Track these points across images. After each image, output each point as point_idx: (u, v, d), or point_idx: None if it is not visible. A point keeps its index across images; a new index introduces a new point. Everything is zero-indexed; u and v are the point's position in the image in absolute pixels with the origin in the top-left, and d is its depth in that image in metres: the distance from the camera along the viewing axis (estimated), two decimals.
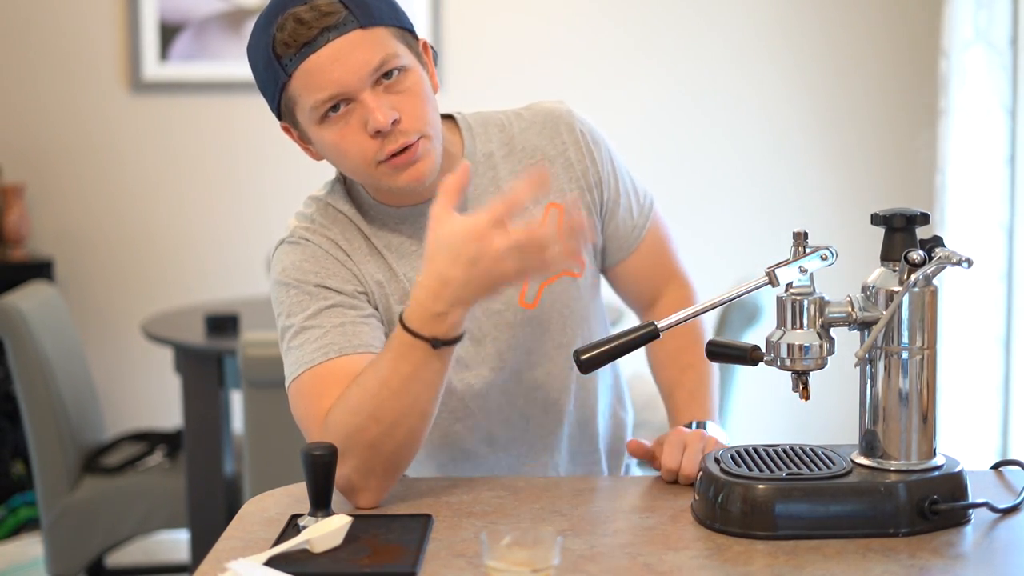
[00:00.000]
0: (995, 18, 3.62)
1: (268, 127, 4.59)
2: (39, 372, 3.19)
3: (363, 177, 1.64)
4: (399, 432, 1.53)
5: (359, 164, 1.61)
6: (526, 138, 1.75)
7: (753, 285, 1.53)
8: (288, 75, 1.58)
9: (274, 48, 1.57)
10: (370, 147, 1.59)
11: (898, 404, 1.49)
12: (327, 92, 1.57)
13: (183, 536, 3.83)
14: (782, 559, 1.38)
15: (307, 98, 1.58)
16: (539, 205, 1.72)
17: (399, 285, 1.69)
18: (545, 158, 1.75)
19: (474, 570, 1.35)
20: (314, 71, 1.56)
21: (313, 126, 1.61)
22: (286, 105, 1.63)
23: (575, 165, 1.76)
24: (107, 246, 4.27)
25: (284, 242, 1.72)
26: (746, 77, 4.35)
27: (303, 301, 1.65)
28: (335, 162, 1.65)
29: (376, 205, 1.71)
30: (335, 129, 1.59)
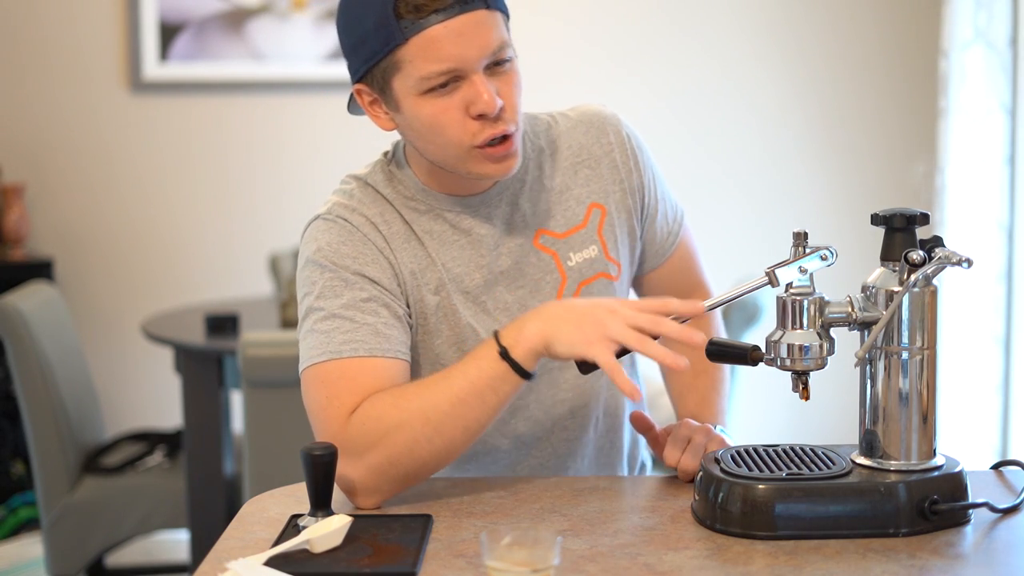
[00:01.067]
0: (995, 18, 3.62)
1: (268, 127, 4.61)
2: (39, 372, 3.18)
3: (449, 157, 1.59)
4: (439, 441, 1.53)
5: (453, 143, 1.57)
6: (572, 137, 1.75)
7: (753, 285, 1.53)
8: (405, 39, 1.52)
9: (396, 7, 1.51)
10: (470, 128, 1.56)
11: (898, 404, 1.49)
12: (445, 65, 1.52)
13: (183, 536, 3.83)
14: (782, 559, 1.38)
15: (420, 67, 1.53)
16: (582, 204, 1.72)
17: (436, 274, 1.65)
18: (591, 157, 1.74)
19: (474, 570, 1.35)
20: (437, 41, 1.51)
21: (412, 96, 1.55)
22: (385, 67, 1.55)
23: (620, 168, 1.75)
24: (107, 246, 4.27)
25: (320, 218, 1.66)
26: (746, 77, 4.35)
27: (337, 287, 1.60)
28: (424, 137, 1.59)
29: (424, 190, 1.67)
30: (438, 104, 1.55)
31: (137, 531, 3.28)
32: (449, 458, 1.56)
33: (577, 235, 1.71)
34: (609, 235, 1.73)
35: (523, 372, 1.51)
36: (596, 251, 1.72)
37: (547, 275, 1.69)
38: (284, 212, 4.28)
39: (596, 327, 1.47)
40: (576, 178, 1.73)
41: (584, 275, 1.71)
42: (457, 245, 1.67)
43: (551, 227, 1.71)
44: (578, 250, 1.71)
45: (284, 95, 4.27)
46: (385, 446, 1.52)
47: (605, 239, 1.73)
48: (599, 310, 1.49)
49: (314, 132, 4.28)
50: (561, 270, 1.70)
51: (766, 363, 1.52)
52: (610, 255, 1.73)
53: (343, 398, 1.55)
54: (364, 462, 1.53)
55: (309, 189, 4.27)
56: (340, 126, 4.27)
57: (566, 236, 1.71)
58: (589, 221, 1.72)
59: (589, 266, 1.71)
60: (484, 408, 1.53)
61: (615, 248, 1.74)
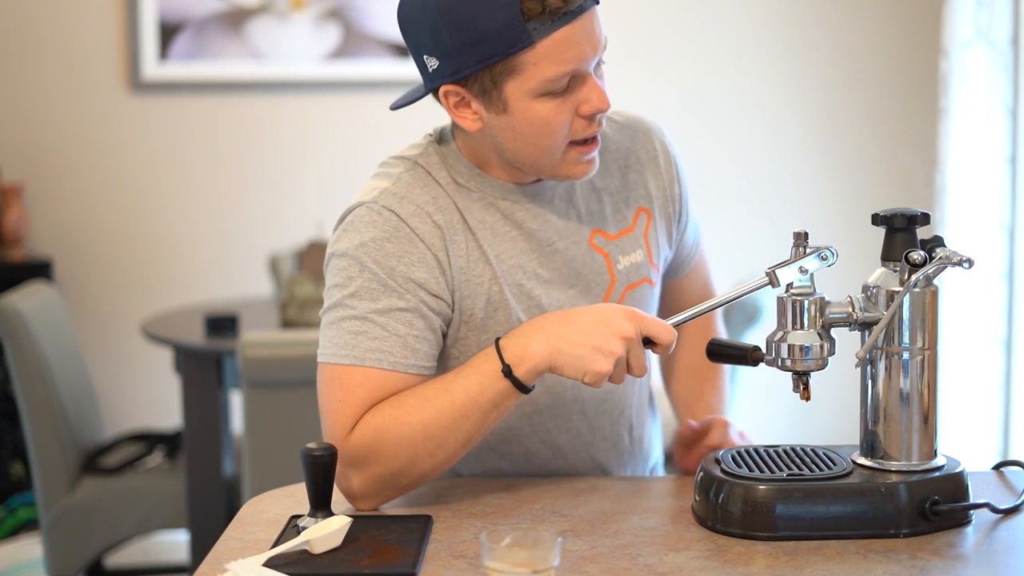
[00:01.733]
0: (995, 18, 3.62)
1: (267, 127, 4.61)
2: (38, 372, 3.18)
3: (545, 157, 1.55)
4: (441, 455, 1.52)
5: (556, 144, 1.54)
6: (619, 139, 1.73)
7: (753, 285, 1.53)
8: (532, 42, 1.46)
9: (523, 9, 1.45)
10: (580, 127, 1.54)
11: (899, 405, 1.49)
12: (571, 66, 1.49)
13: (183, 537, 3.83)
14: (783, 560, 1.37)
15: (545, 70, 1.48)
16: (631, 207, 1.71)
17: (487, 268, 1.60)
18: (637, 162, 1.72)
19: (474, 571, 1.35)
20: (567, 42, 1.48)
21: (527, 99, 1.50)
22: (498, 72, 1.49)
23: (663, 174, 1.74)
24: (106, 246, 4.26)
25: (365, 206, 1.57)
26: (746, 77, 4.34)
27: (375, 291, 1.53)
28: (526, 138, 1.53)
29: (479, 175, 1.62)
30: (552, 105, 1.51)
31: (136, 532, 3.28)
32: (448, 466, 1.55)
33: (627, 238, 1.69)
34: (653, 241, 1.72)
35: (524, 389, 1.51)
36: (642, 256, 1.70)
37: (599, 276, 1.67)
38: (284, 212, 4.27)
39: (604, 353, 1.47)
40: (625, 181, 1.71)
41: (631, 279, 1.69)
42: (509, 237, 1.62)
43: (605, 228, 1.68)
44: (627, 253, 1.69)
45: (283, 95, 4.27)
46: (387, 459, 1.51)
47: (650, 244, 1.72)
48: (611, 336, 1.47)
49: (314, 132, 4.28)
50: (612, 273, 1.67)
51: (766, 363, 1.52)
52: (653, 261, 1.72)
53: (356, 407, 1.53)
54: (366, 473, 1.53)
55: (309, 189, 4.27)
56: (340, 126, 4.27)
57: (617, 239, 1.69)
58: (637, 225, 1.71)
59: (635, 271, 1.69)
60: (485, 422, 1.52)
61: (657, 254, 1.73)
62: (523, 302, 1.62)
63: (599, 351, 1.47)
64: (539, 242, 1.63)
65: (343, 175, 4.21)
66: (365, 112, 4.26)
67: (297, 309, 3.33)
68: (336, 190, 4.20)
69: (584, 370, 1.47)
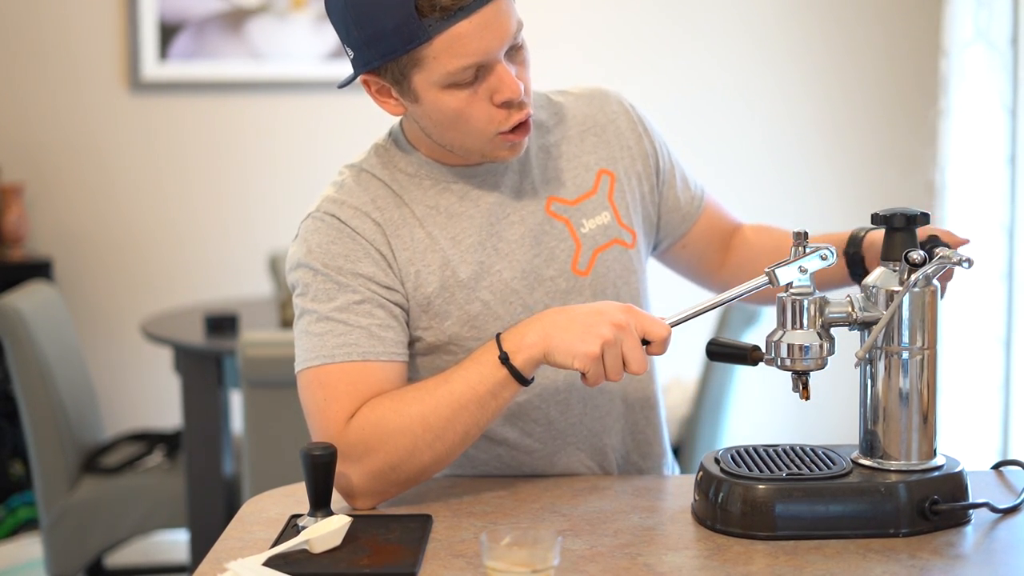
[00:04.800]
0: (995, 18, 3.62)
1: (267, 127, 4.61)
2: (38, 372, 3.18)
3: (468, 144, 1.59)
4: (440, 447, 1.53)
5: (478, 131, 1.57)
6: (576, 108, 1.76)
7: (753, 285, 1.53)
8: (429, 37, 1.49)
9: (418, 6, 1.48)
10: (497, 116, 1.56)
11: (898, 404, 1.49)
12: (472, 59, 1.51)
13: (182, 536, 3.83)
14: (782, 559, 1.37)
15: (445, 63, 1.51)
16: (591, 171, 1.72)
17: (437, 255, 1.63)
18: (596, 125, 1.75)
19: (474, 570, 1.35)
20: (462, 37, 1.49)
21: (434, 90, 1.53)
22: (404, 64, 1.53)
23: (626, 134, 1.76)
24: (106, 246, 4.26)
25: (311, 216, 1.64)
26: (745, 77, 4.34)
27: (330, 290, 1.58)
28: (443, 126, 1.57)
29: (428, 163, 1.66)
30: (461, 96, 1.54)
31: (136, 531, 3.28)
32: (448, 460, 1.56)
33: (588, 202, 1.71)
34: (620, 202, 1.73)
35: (522, 379, 1.52)
36: (608, 217, 1.71)
37: (561, 243, 1.68)
38: (284, 211, 4.27)
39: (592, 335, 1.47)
40: (583, 145, 1.74)
41: (598, 242, 1.70)
42: (466, 216, 1.65)
43: (562, 195, 1.70)
44: (590, 216, 1.70)
45: (283, 95, 4.27)
46: (386, 451, 1.52)
47: (616, 205, 1.73)
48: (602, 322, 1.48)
49: (313, 132, 4.28)
50: (575, 237, 1.69)
51: (766, 363, 1.52)
52: (623, 222, 1.73)
53: (342, 401, 1.55)
54: (364, 466, 1.53)
55: (308, 189, 4.26)
56: (339, 125, 4.27)
57: (577, 203, 1.71)
58: (599, 188, 1.72)
59: (603, 232, 1.71)
60: (484, 413, 1.53)
61: (627, 215, 1.74)
62: (485, 279, 1.65)
63: (587, 333, 1.48)
64: (496, 216, 1.66)
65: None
66: (365, 112, 4.25)
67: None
68: None
69: (573, 353, 1.48)
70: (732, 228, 1.90)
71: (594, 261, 1.70)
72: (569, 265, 1.68)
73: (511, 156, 1.62)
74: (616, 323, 1.49)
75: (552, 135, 1.73)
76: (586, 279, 1.69)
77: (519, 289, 1.66)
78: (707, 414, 3.27)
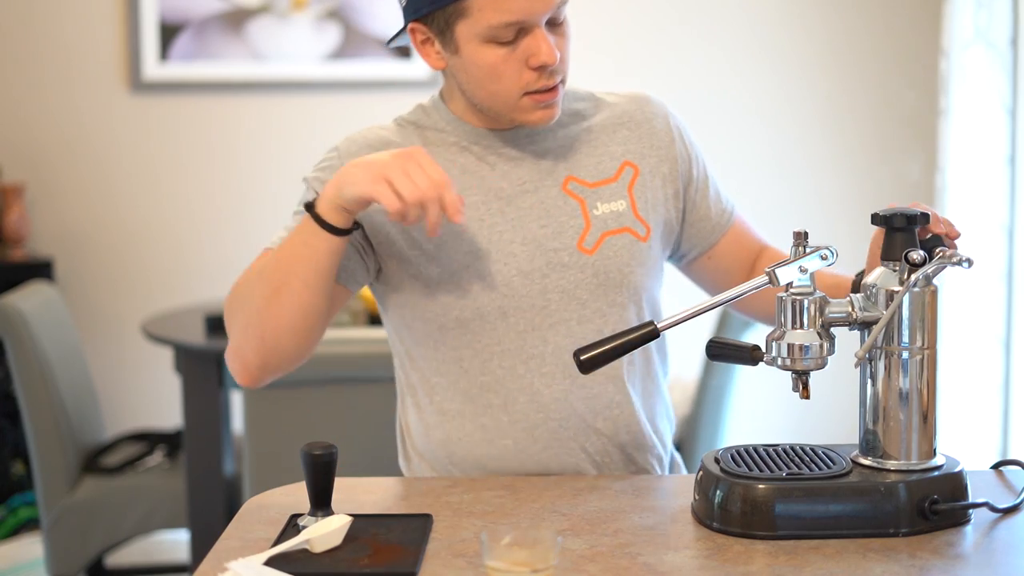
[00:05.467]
0: (995, 18, 3.62)
1: (268, 127, 4.60)
2: (39, 372, 3.18)
3: (498, 102, 1.66)
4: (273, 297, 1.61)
5: (507, 90, 1.64)
6: (616, 103, 1.81)
7: (753, 285, 1.53)
8: None
9: None
10: (527, 78, 1.63)
11: (898, 404, 1.49)
12: (514, 16, 1.58)
13: (183, 536, 3.83)
14: (782, 559, 1.38)
15: (488, 16, 1.59)
16: (616, 160, 1.76)
17: None
18: (632, 121, 1.79)
19: (474, 570, 1.35)
20: None
21: (475, 42, 1.62)
22: (451, 12, 1.61)
23: (660, 135, 1.80)
24: (107, 246, 4.27)
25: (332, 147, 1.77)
26: (746, 77, 4.35)
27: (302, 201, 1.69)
28: (476, 80, 1.65)
29: (455, 120, 1.74)
30: (499, 53, 1.61)
31: (137, 531, 3.28)
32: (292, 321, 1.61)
33: (607, 187, 1.75)
34: (640, 194, 1.76)
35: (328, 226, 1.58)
36: (624, 206, 1.74)
37: (572, 220, 1.72)
38: (284, 211, 4.25)
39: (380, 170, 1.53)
40: (614, 136, 1.78)
41: (609, 226, 1.73)
42: (477, 176, 1.72)
43: (581, 175, 1.74)
44: (606, 201, 1.74)
45: (284, 95, 4.27)
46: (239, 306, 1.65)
47: (635, 197, 1.75)
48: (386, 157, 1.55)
49: (314, 132, 4.28)
50: (586, 217, 1.72)
51: (766, 363, 1.52)
52: (639, 213, 1.75)
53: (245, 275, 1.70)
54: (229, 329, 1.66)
55: None
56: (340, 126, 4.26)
57: (595, 187, 1.74)
58: (620, 177, 1.76)
59: (615, 219, 1.73)
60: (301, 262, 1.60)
61: (645, 208, 1.76)
62: (484, 235, 1.69)
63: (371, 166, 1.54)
64: (510, 182, 1.72)
65: None
66: (365, 112, 4.25)
67: None
68: None
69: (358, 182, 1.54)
70: (759, 247, 1.90)
71: (601, 242, 1.73)
72: (575, 242, 1.72)
73: (540, 121, 1.67)
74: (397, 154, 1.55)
75: (586, 121, 1.78)
76: (590, 258, 1.71)
77: (517, 253, 1.70)
78: (707, 414, 3.28)
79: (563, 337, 1.71)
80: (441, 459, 1.76)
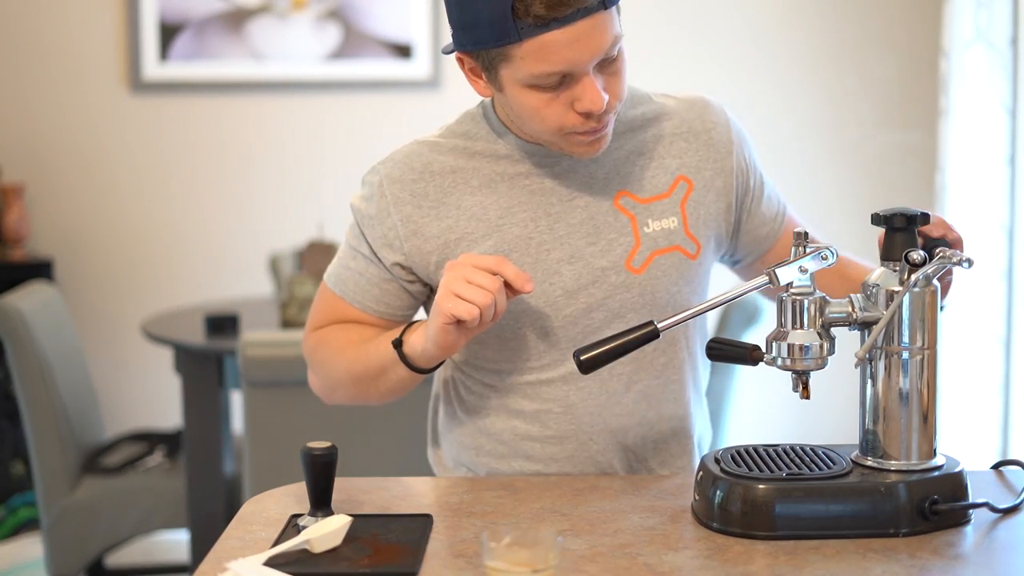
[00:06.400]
0: (995, 18, 3.62)
1: (268, 127, 4.60)
2: (39, 372, 3.18)
3: (541, 136, 1.63)
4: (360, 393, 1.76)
5: (551, 130, 1.59)
6: (675, 111, 1.76)
7: (753, 285, 1.53)
8: (520, 39, 1.51)
9: (514, 8, 1.50)
10: (572, 121, 1.58)
11: (898, 404, 1.49)
12: (556, 68, 1.53)
13: (183, 536, 3.83)
14: (782, 559, 1.38)
15: (531, 66, 1.53)
16: (670, 174, 1.72)
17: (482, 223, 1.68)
18: (690, 131, 1.74)
19: (474, 570, 1.35)
20: (551, 45, 1.51)
21: (518, 86, 1.57)
22: (493, 55, 1.56)
23: (718, 147, 1.75)
24: (107, 246, 4.26)
25: (377, 164, 1.74)
26: (744, 77, 4.34)
27: (354, 233, 1.75)
28: (521, 117, 1.61)
29: (507, 134, 1.70)
30: (543, 98, 1.56)
31: (137, 531, 3.28)
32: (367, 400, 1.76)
33: (659, 203, 1.71)
34: (692, 211, 1.72)
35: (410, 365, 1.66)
36: (676, 223, 1.71)
37: (622, 237, 1.69)
38: (284, 212, 4.28)
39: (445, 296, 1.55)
40: (671, 148, 1.73)
41: (659, 244, 1.69)
42: (526, 190, 1.68)
43: (634, 191, 1.70)
44: (658, 218, 1.70)
45: (284, 95, 4.27)
46: (324, 373, 1.78)
47: (688, 213, 1.72)
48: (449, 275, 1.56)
49: (314, 132, 4.28)
50: (636, 235, 1.69)
51: (766, 363, 1.52)
52: (690, 231, 1.72)
53: (316, 316, 1.80)
54: (314, 374, 1.80)
55: (309, 189, 4.27)
56: (340, 126, 4.27)
57: (647, 203, 1.70)
58: (674, 192, 1.72)
59: (666, 237, 1.70)
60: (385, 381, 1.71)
61: (697, 225, 1.72)
62: (531, 254, 1.67)
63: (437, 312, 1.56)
64: (559, 197, 1.68)
65: (343, 175, 4.20)
66: (365, 112, 4.26)
67: (297, 309, 3.33)
68: (336, 190, 4.20)
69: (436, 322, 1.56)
70: None
71: (650, 262, 1.69)
72: (624, 260, 1.69)
73: (587, 154, 1.63)
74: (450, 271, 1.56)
75: (643, 133, 1.73)
76: (637, 277, 1.69)
77: (563, 272, 1.67)
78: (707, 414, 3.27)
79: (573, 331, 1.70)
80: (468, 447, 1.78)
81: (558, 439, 1.73)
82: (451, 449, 1.81)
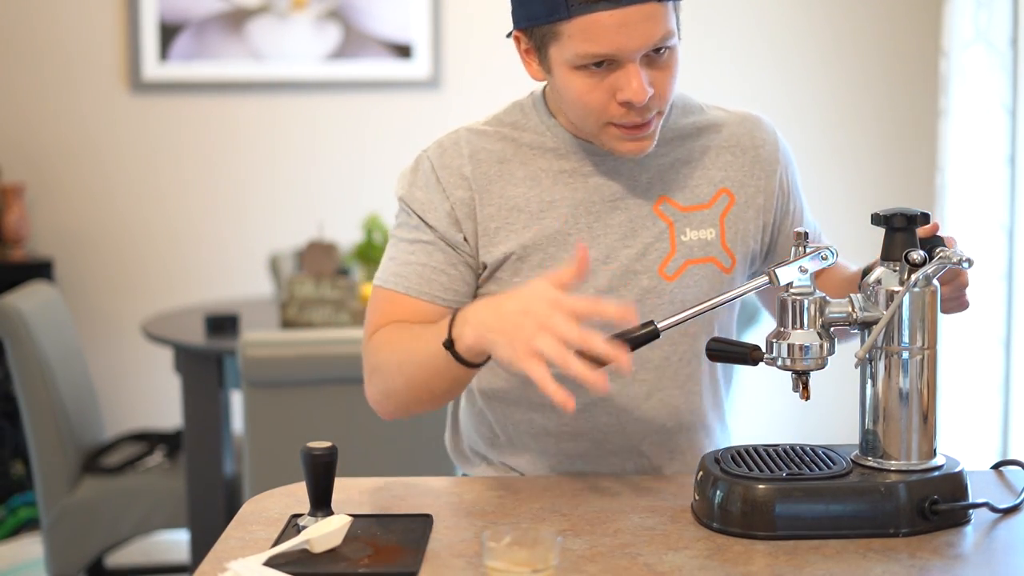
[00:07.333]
0: (995, 18, 3.62)
1: (268, 127, 4.60)
2: (39, 372, 3.18)
3: (583, 125, 1.63)
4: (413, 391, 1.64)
5: (591, 118, 1.60)
6: (727, 124, 1.76)
7: (753, 285, 1.53)
8: (569, 16, 1.53)
9: None
10: (613, 111, 1.58)
11: (898, 404, 1.49)
12: (601, 50, 1.53)
13: (183, 536, 3.83)
14: (782, 559, 1.38)
15: (577, 46, 1.54)
16: (713, 186, 1.71)
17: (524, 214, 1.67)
18: (738, 146, 1.74)
19: (474, 570, 1.35)
20: (598, 27, 1.52)
21: (564, 67, 1.58)
22: (545, 33, 1.57)
23: (764, 165, 1.75)
24: (107, 246, 4.27)
25: (424, 152, 1.72)
26: (746, 77, 4.35)
27: (406, 223, 1.71)
28: (564, 100, 1.62)
29: (558, 128, 1.70)
30: (587, 81, 1.57)
31: (137, 531, 3.28)
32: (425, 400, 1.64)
33: (698, 213, 1.70)
34: (731, 225, 1.72)
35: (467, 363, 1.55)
36: (713, 235, 1.70)
37: (658, 243, 1.68)
38: (284, 212, 4.28)
39: (526, 343, 1.43)
40: (717, 161, 1.73)
41: (694, 254, 1.69)
42: (569, 187, 1.68)
43: (675, 198, 1.70)
44: (696, 228, 1.70)
45: (284, 95, 4.27)
46: (379, 377, 1.67)
47: (726, 227, 1.71)
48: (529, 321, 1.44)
49: (314, 132, 4.28)
50: (673, 242, 1.69)
51: (766, 363, 1.52)
52: (727, 244, 1.71)
53: (373, 320, 1.70)
54: (370, 381, 1.69)
55: (309, 189, 4.27)
56: (340, 126, 4.27)
57: (687, 211, 1.70)
58: (715, 204, 1.71)
59: (702, 247, 1.70)
60: (441, 380, 1.60)
61: (734, 240, 1.72)
62: (567, 250, 1.67)
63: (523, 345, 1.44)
64: (601, 197, 1.68)
65: (343, 175, 4.21)
66: (365, 112, 4.26)
67: (297, 309, 3.33)
68: (336, 190, 4.20)
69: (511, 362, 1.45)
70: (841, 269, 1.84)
71: (683, 271, 1.69)
72: (657, 266, 1.69)
73: (629, 153, 1.63)
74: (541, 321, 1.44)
75: (692, 142, 1.73)
76: (669, 284, 1.68)
77: (597, 271, 1.67)
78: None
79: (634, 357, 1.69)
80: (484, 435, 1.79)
81: (573, 436, 1.73)
82: (469, 436, 1.82)
